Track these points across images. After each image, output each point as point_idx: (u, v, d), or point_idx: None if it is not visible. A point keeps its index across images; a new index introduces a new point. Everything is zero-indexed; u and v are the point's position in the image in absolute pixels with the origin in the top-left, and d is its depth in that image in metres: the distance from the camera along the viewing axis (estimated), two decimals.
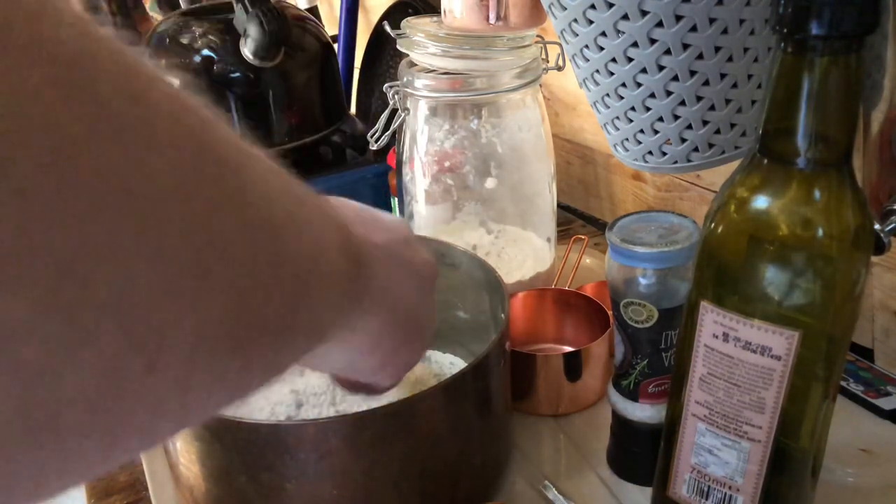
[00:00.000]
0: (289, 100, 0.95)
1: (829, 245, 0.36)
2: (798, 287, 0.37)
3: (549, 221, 0.74)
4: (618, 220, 0.48)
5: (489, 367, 0.48)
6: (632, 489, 0.52)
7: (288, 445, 0.43)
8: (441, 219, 0.73)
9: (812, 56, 0.33)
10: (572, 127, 0.93)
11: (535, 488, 0.53)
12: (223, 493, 0.47)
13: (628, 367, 0.49)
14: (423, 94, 0.67)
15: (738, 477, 0.41)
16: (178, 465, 0.50)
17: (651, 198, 0.84)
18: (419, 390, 0.45)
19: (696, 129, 0.50)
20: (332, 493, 0.44)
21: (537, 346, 0.67)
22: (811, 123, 0.34)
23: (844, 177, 0.36)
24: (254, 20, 0.85)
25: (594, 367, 0.60)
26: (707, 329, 0.39)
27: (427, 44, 0.65)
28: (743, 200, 0.37)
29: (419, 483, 0.46)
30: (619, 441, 0.54)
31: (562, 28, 0.51)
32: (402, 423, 0.44)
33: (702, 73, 0.47)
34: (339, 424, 0.43)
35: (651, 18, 0.45)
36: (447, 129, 0.69)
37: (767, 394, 0.38)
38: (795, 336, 0.37)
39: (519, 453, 0.56)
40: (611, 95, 0.51)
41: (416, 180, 0.72)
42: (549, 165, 0.72)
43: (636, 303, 0.46)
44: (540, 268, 0.72)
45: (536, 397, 0.60)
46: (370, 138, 0.70)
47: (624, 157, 0.55)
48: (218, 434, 0.44)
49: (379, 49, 1.16)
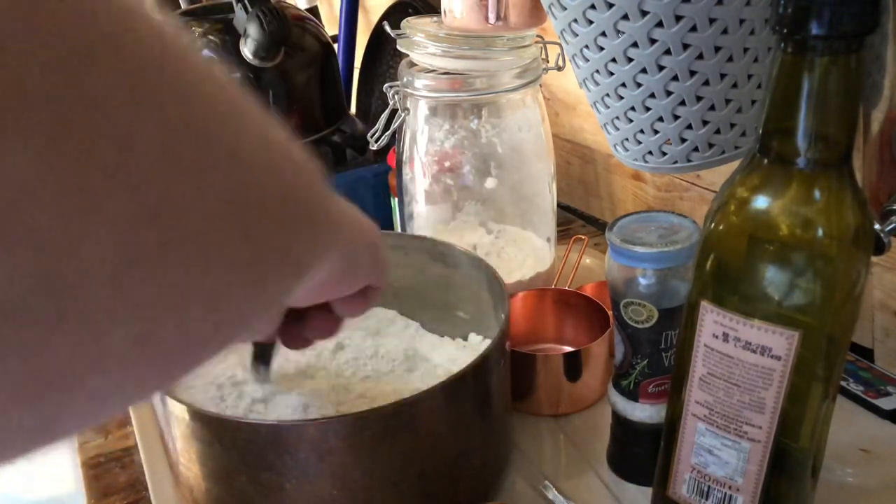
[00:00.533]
0: (289, 100, 0.95)
1: (829, 245, 0.36)
2: (798, 287, 0.37)
3: (549, 221, 0.74)
4: (618, 220, 0.48)
5: (489, 367, 0.48)
6: (632, 489, 0.52)
7: (288, 445, 0.43)
8: (441, 219, 0.73)
9: (812, 56, 0.33)
10: (572, 127, 0.93)
11: (535, 488, 0.53)
12: (223, 493, 0.47)
13: (628, 367, 0.49)
14: (423, 94, 0.67)
15: (738, 477, 0.41)
16: (178, 465, 0.50)
17: (651, 198, 0.84)
18: (419, 390, 0.45)
19: (696, 129, 0.50)
20: (332, 493, 0.44)
21: (537, 346, 0.67)
22: (811, 123, 0.34)
23: (844, 177, 0.36)
24: (254, 20, 0.85)
25: (594, 367, 0.60)
26: (707, 329, 0.39)
27: (427, 44, 0.65)
28: (743, 200, 0.37)
29: (419, 483, 0.46)
30: (619, 441, 0.54)
31: (562, 28, 0.51)
32: (401, 423, 0.44)
33: (702, 73, 0.47)
34: (339, 424, 0.43)
35: (651, 18, 0.45)
36: (447, 129, 0.69)
37: (767, 394, 0.38)
38: (795, 336, 0.37)
39: (519, 453, 0.56)
40: (611, 95, 0.51)
41: (416, 180, 0.72)
42: (549, 165, 0.72)
43: (636, 303, 0.46)
44: (540, 268, 0.72)
45: (536, 397, 0.60)
46: (370, 138, 0.70)
47: (624, 157, 0.55)
48: (218, 434, 0.44)
49: (379, 49, 1.16)
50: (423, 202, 0.72)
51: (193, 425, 0.45)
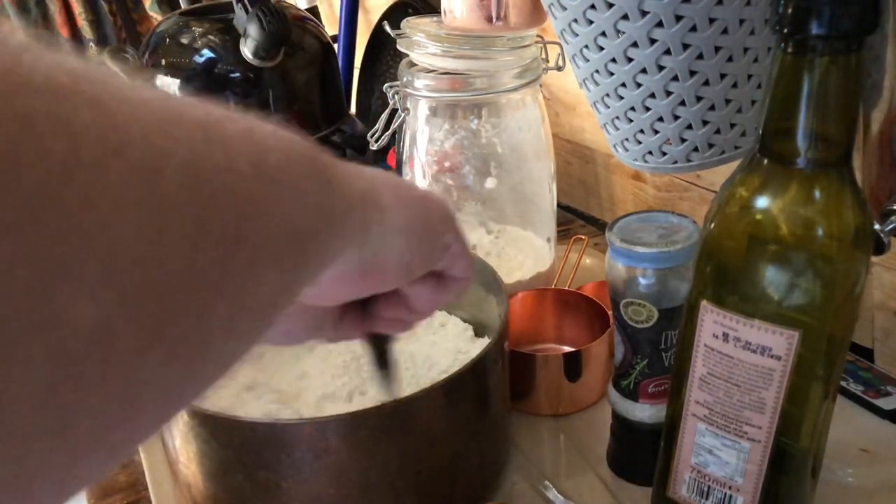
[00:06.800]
0: (289, 100, 0.95)
1: (829, 245, 0.36)
2: (798, 287, 0.37)
3: (549, 221, 0.74)
4: (618, 220, 0.48)
5: (487, 367, 0.48)
6: (632, 489, 0.52)
7: (285, 444, 0.43)
8: None
9: (812, 56, 0.33)
10: (572, 127, 0.93)
11: (535, 488, 0.53)
12: (221, 492, 0.47)
13: (628, 367, 0.49)
14: (423, 94, 0.67)
15: (738, 477, 0.41)
16: (177, 464, 0.50)
17: (651, 198, 0.84)
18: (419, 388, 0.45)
19: (696, 129, 0.49)
20: (329, 491, 0.44)
21: (537, 346, 0.67)
22: (811, 123, 0.34)
23: (844, 177, 0.35)
24: (254, 20, 0.85)
25: (594, 367, 0.60)
26: (707, 329, 0.39)
27: (427, 44, 0.65)
28: (743, 200, 0.37)
29: (416, 483, 0.46)
30: (619, 441, 0.54)
31: (562, 28, 0.51)
32: (399, 423, 0.44)
33: (702, 74, 0.47)
34: (336, 423, 0.43)
35: (651, 18, 0.45)
36: (447, 129, 0.69)
37: (767, 394, 0.38)
38: (795, 336, 0.37)
39: (519, 453, 0.56)
40: (611, 95, 0.51)
41: (416, 180, 0.71)
42: (549, 165, 0.72)
43: (636, 303, 0.46)
44: (540, 268, 0.72)
45: (536, 397, 0.60)
46: (370, 138, 0.70)
47: (624, 157, 0.55)
48: (215, 433, 0.44)
49: (379, 49, 1.16)
50: None
51: (192, 423, 0.45)
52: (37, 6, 1.80)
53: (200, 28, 0.94)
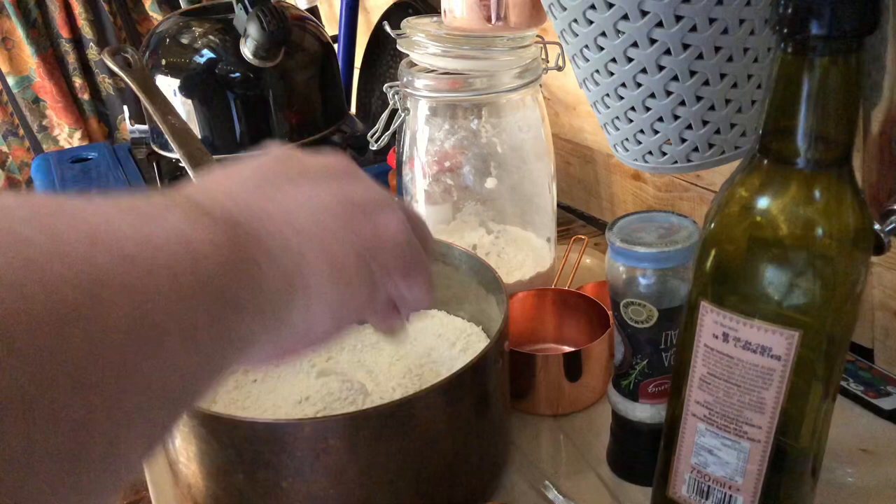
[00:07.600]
0: (289, 100, 0.95)
1: (829, 245, 0.36)
2: (798, 287, 0.37)
3: (549, 221, 0.74)
4: (618, 220, 0.48)
5: (487, 368, 0.48)
6: (632, 489, 0.52)
7: (285, 444, 0.43)
8: (441, 219, 0.73)
9: (812, 56, 0.33)
10: (572, 127, 0.93)
11: (535, 488, 0.53)
12: (221, 491, 0.47)
13: (628, 367, 0.49)
14: (423, 94, 0.67)
15: (738, 477, 0.41)
16: (176, 464, 0.50)
17: (651, 198, 0.84)
18: (419, 388, 0.45)
19: (696, 129, 0.49)
20: (329, 491, 0.44)
21: (537, 346, 0.67)
22: (811, 123, 0.34)
23: (844, 177, 0.35)
24: (254, 20, 0.85)
25: (594, 367, 0.60)
26: (707, 329, 0.39)
27: (427, 44, 0.65)
28: (743, 200, 0.37)
29: (416, 482, 0.46)
30: (619, 441, 0.54)
31: (562, 28, 0.51)
32: (398, 423, 0.44)
33: (702, 74, 0.47)
34: (336, 423, 0.43)
35: (651, 19, 0.45)
36: (447, 129, 0.69)
37: (767, 394, 0.38)
38: (795, 336, 0.37)
39: (519, 453, 0.56)
40: (611, 95, 0.51)
41: (416, 180, 0.71)
42: (548, 165, 0.72)
43: (636, 303, 0.46)
44: (540, 268, 0.72)
45: (536, 397, 0.60)
46: (370, 138, 0.70)
47: (624, 157, 0.55)
48: (215, 432, 0.44)
49: (379, 49, 1.16)
50: (423, 202, 0.72)
51: (192, 423, 0.45)
52: (37, 6, 1.80)
53: (200, 28, 0.94)
